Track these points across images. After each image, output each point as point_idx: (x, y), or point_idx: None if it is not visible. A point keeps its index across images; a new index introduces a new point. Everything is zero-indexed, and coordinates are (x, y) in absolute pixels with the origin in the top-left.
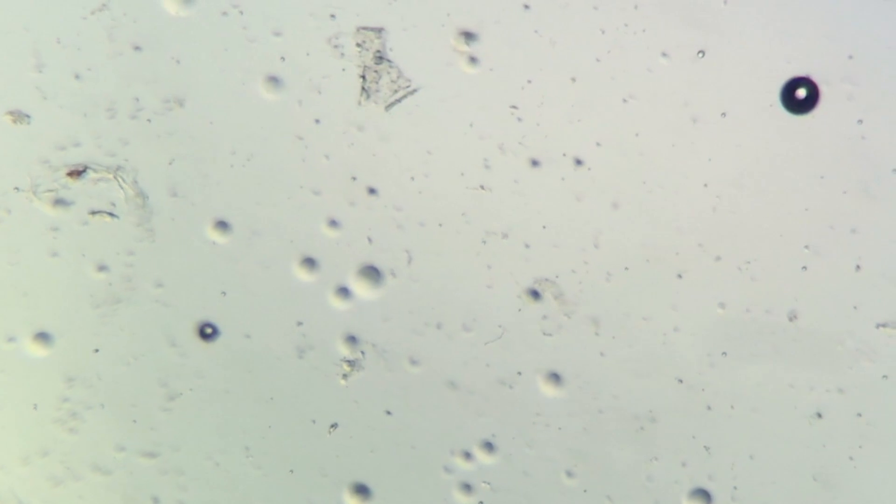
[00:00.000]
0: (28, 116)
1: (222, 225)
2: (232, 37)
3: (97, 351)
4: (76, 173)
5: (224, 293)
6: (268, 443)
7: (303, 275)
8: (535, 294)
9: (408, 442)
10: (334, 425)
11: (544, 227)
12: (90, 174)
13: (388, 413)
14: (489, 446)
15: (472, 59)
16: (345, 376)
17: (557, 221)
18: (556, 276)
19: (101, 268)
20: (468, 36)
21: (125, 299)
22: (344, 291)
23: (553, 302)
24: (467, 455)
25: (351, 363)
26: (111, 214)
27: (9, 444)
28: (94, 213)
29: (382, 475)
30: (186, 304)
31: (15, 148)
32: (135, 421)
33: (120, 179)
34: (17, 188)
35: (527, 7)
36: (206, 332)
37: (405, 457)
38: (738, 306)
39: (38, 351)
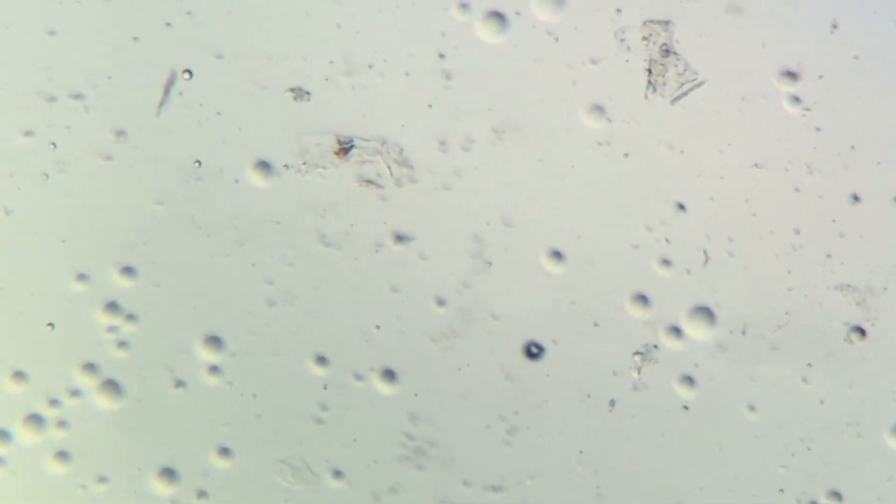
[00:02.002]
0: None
1: (556, 255)
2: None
3: (378, 327)
4: (343, 151)
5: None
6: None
7: (634, 311)
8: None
9: None
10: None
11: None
12: (355, 153)
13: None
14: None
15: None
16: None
17: None
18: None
19: (440, 301)
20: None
21: (462, 333)
22: (676, 331)
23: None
24: None
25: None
26: (378, 185)
27: (358, 481)
28: (365, 182)
29: None
30: (522, 334)
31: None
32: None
33: (386, 153)
34: (286, 165)
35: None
36: (533, 352)
37: None
38: None
39: (385, 388)
